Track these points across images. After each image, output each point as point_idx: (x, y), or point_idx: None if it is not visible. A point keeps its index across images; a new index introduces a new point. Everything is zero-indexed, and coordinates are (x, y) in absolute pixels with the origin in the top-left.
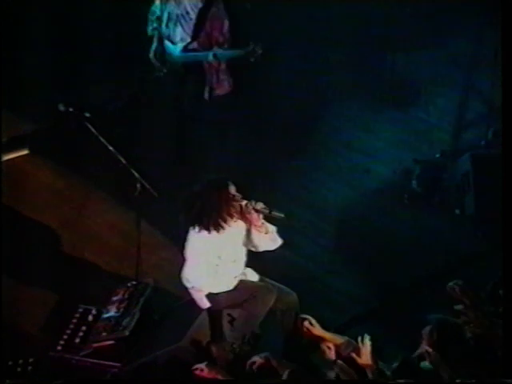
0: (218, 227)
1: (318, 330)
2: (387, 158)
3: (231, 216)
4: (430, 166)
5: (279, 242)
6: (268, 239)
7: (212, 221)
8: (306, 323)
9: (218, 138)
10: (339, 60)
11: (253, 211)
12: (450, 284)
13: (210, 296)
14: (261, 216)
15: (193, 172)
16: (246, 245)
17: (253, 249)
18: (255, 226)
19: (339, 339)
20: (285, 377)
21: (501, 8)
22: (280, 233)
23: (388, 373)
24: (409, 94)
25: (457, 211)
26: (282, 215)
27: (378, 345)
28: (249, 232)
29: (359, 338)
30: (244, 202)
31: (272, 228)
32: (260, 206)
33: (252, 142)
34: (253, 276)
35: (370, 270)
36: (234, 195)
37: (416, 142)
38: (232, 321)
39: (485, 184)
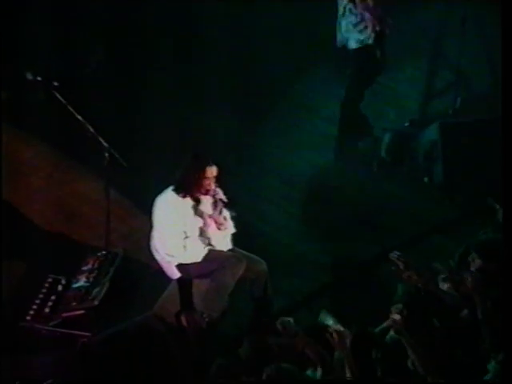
0: (190, 195)
1: None
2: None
3: (202, 190)
4: (399, 135)
5: (229, 246)
6: (221, 237)
7: (186, 188)
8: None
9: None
10: (309, 29)
11: (218, 202)
12: (394, 256)
13: (179, 266)
14: (223, 211)
15: (161, 139)
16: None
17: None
18: (217, 220)
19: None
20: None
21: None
22: (249, 201)
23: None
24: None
25: (425, 179)
26: (234, 214)
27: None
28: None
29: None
30: (212, 186)
31: (230, 230)
32: (220, 195)
33: (220, 109)
34: (223, 246)
35: (338, 238)
36: (208, 177)
37: (384, 110)
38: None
39: (453, 152)
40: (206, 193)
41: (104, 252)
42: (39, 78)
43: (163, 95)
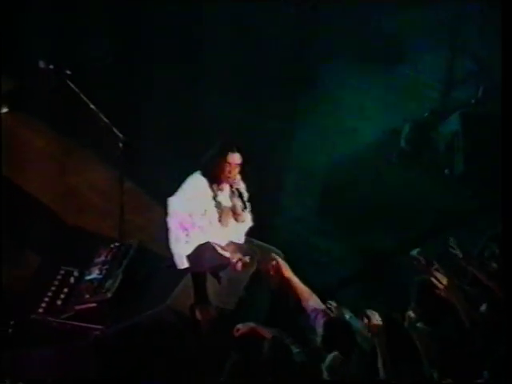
0: (213, 181)
1: (286, 272)
2: (375, 117)
3: (223, 177)
4: (419, 125)
5: (242, 239)
6: (237, 228)
7: (209, 173)
8: (274, 263)
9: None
10: (327, 19)
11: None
12: (414, 253)
13: (194, 258)
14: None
15: (177, 129)
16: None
17: None
18: (235, 210)
19: (307, 291)
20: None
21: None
22: (266, 193)
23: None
24: (397, 51)
25: (446, 171)
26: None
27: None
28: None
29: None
30: (236, 175)
31: (248, 223)
32: (239, 185)
33: (238, 102)
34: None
35: (357, 231)
36: (230, 163)
37: (405, 100)
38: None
39: (474, 143)
40: (228, 180)
41: (117, 244)
42: (51, 67)
43: (180, 85)
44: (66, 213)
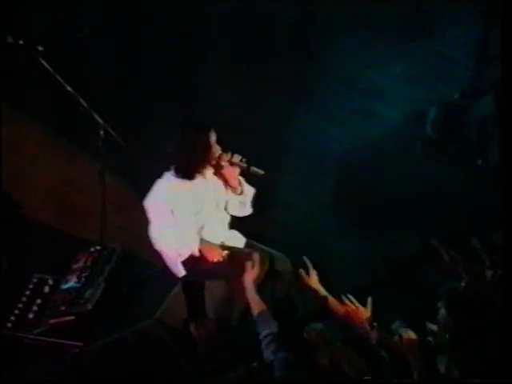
0: (190, 175)
1: (313, 282)
2: (396, 99)
3: (207, 165)
4: (447, 108)
5: (249, 210)
6: (238, 202)
7: (185, 167)
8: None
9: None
10: None
11: (228, 165)
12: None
13: (189, 265)
14: (236, 173)
15: (166, 115)
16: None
17: None
18: (229, 184)
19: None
20: None
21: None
22: (271, 187)
23: None
24: (422, 22)
25: (479, 161)
26: (262, 172)
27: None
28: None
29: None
30: (218, 153)
31: (249, 191)
32: (237, 158)
33: (241, 80)
34: (239, 240)
35: (375, 231)
36: (212, 144)
37: (430, 79)
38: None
39: None
40: (215, 161)
41: (98, 247)
42: (21, 42)
43: (170, 63)
44: (40, 211)
